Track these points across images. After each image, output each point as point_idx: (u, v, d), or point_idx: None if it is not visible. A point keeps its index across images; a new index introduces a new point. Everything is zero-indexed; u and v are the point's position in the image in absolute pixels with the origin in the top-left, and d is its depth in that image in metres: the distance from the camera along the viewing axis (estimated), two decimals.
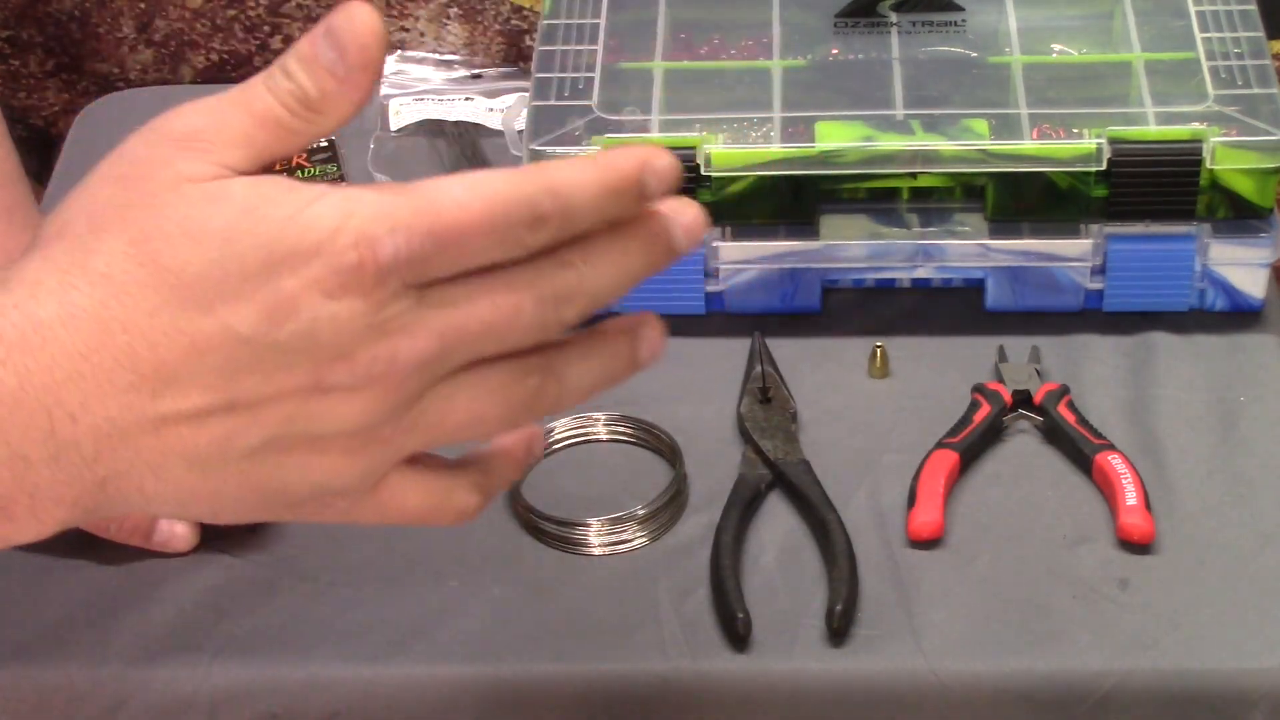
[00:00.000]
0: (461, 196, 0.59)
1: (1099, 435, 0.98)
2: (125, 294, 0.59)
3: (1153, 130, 1.04)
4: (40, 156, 1.39)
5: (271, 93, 0.62)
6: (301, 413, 0.60)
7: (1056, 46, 1.13)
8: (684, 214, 0.61)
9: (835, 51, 1.12)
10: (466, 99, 1.28)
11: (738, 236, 1.06)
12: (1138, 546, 0.94)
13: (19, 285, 0.60)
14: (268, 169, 0.62)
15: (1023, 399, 1.01)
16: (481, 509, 0.66)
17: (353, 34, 0.60)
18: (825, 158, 1.04)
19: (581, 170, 0.60)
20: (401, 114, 1.27)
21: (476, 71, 1.32)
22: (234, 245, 0.58)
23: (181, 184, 0.60)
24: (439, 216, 0.59)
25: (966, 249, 1.06)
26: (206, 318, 0.59)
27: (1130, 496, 0.94)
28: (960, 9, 1.14)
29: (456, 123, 1.25)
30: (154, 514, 0.65)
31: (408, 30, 1.34)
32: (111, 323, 0.59)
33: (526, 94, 1.10)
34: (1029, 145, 1.04)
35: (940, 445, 0.98)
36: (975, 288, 1.08)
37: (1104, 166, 1.03)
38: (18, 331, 0.59)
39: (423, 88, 1.30)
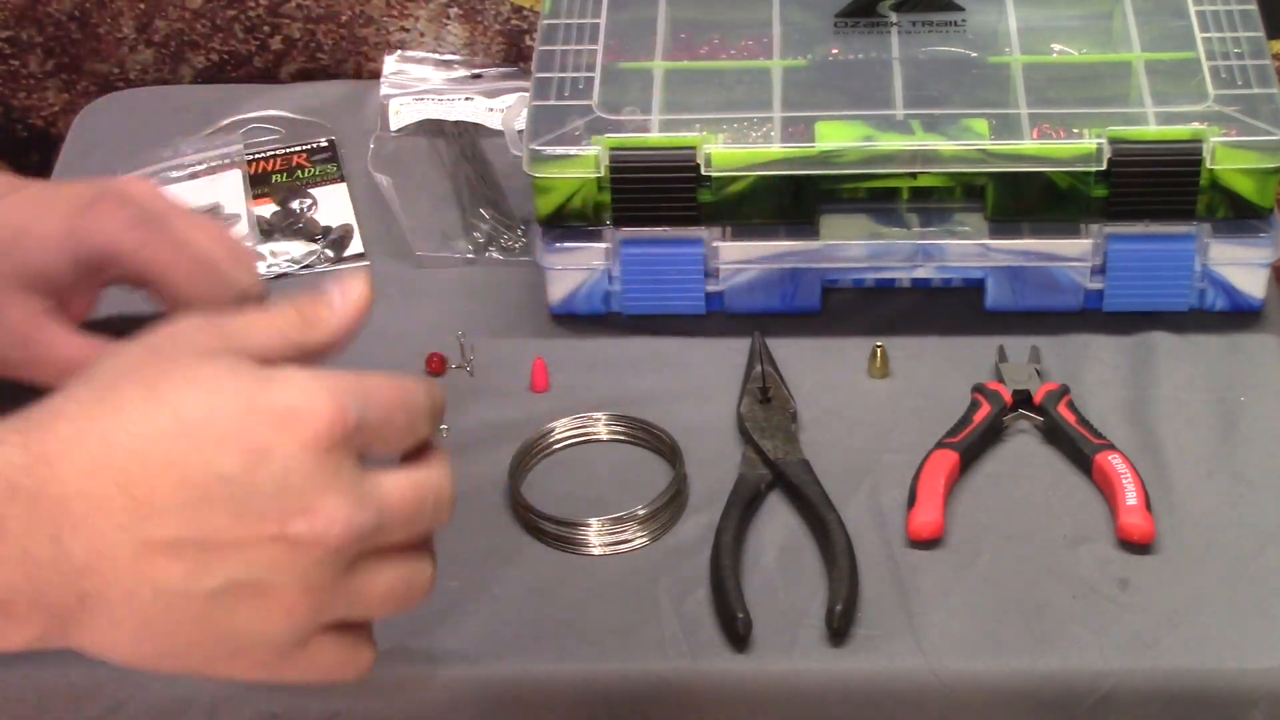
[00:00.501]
0: (384, 380, 0.73)
1: (1099, 435, 0.98)
2: (132, 425, 0.68)
3: (1153, 130, 1.04)
4: (40, 156, 1.39)
5: (283, 312, 0.76)
6: (262, 559, 0.69)
7: (1056, 46, 1.13)
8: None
9: (835, 51, 1.12)
10: (466, 99, 1.28)
11: (738, 236, 1.06)
12: (1138, 546, 0.94)
13: (43, 415, 0.70)
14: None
15: (1023, 399, 1.01)
16: (373, 662, 0.76)
17: (357, 305, 0.76)
18: (825, 158, 1.04)
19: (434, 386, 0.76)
20: (401, 114, 1.27)
21: (476, 71, 1.32)
22: (224, 394, 0.69)
23: (196, 350, 0.72)
24: (380, 389, 0.72)
25: (966, 249, 1.06)
26: (196, 455, 0.68)
27: (1130, 496, 0.94)
28: (960, 9, 1.14)
29: (456, 123, 1.26)
30: (105, 654, 0.72)
31: (408, 30, 1.34)
32: (117, 448, 0.68)
33: (526, 94, 1.10)
34: (1029, 145, 1.04)
35: (940, 445, 0.98)
36: (975, 288, 1.08)
37: (1104, 166, 1.03)
38: (40, 447, 0.68)
39: (423, 88, 1.30)
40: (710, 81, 1.11)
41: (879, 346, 1.05)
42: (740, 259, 1.07)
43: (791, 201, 1.06)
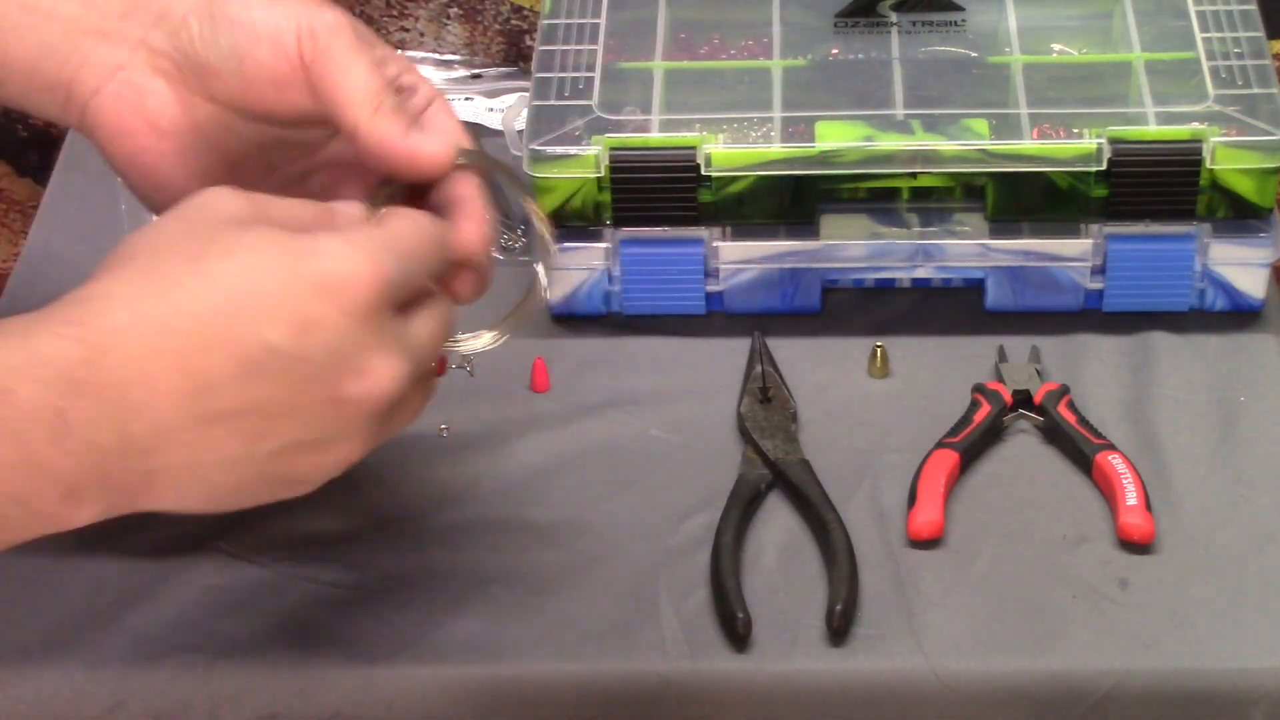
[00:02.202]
0: (408, 225, 0.77)
1: (1099, 435, 0.98)
2: (183, 303, 0.70)
3: (1153, 130, 1.04)
4: (40, 157, 1.39)
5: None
6: (318, 420, 0.73)
7: (1056, 46, 1.13)
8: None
9: (835, 51, 1.12)
10: (466, 99, 1.28)
11: (738, 236, 1.07)
12: (1138, 546, 0.94)
13: (94, 300, 0.71)
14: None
15: (1023, 399, 1.01)
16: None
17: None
18: (825, 158, 1.04)
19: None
20: None
21: (476, 71, 1.32)
22: (266, 266, 0.71)
23: (229, 219, 0.73)
24: (408, 236, 0.75)
25: (966, 249, 1.06)
26: (246, 329, 0.70)
27: (1130, 496, 0.95)
28: (960, 9, 1.14)
29: None
30: (175, 511, 0.76)
31: (408, 30, 1.34)
32: (170, 329, 0.70)
33: (526, 94, 1.10)
34: (1029, 145, 1.04)
35: (940, 445, 0.98)
36: (975, 288, 1.08)
37: (1104, 166, 1.03)
38: (97, 338, 0.70)
39: None
40: (710, 81, 1.11)
41: (879, 346, 1.05)
42: (740, 259, 1.07)
43: (791, 201, 1.06)
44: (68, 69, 0.84)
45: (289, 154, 0.87)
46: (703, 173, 1.04)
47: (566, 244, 1.07)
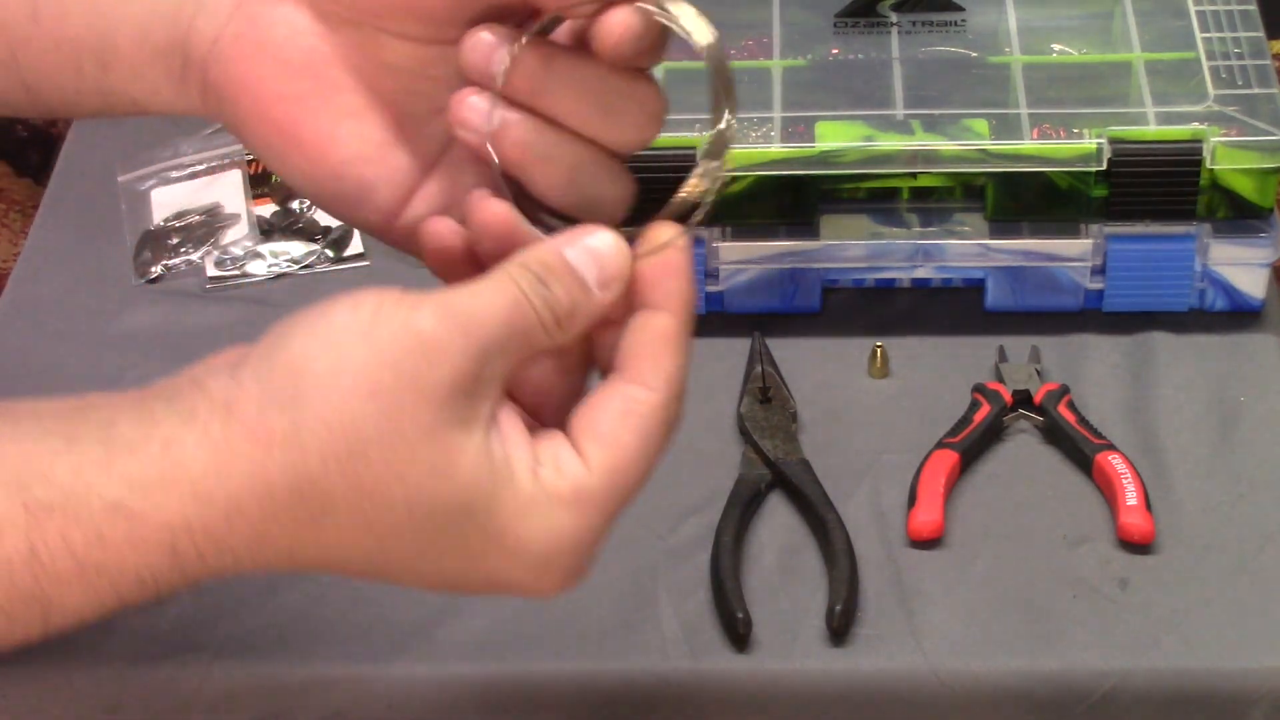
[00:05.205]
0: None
1: (1099, 435, 0.98)
2: (312, 544, 0.63)
3: (1153, 130, 1.04)
4: (40, 157, 1.39)
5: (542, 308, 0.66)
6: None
7: (1056, 46, 1.13)
8: None
9: (835, 51, 1.12)
10: None
11: (738, 236, 1.06)
12: (1138, 546, 0.94)
13: (204, 459, 0.61)
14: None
15: (1023, 399, 1.01)
16: None
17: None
18: (825, 158, 1.04)
19: None
20: None
21: None
22: (443, 542, 0.61)
23: (438, 423, 0.61)
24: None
25: (966, 249, 1.06)
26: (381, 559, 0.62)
27: (1130, 496, 0.95)
28: (960, 9, 1.14)
29: None
30: None
31: None
32: (277, 551, 0.63)
33: None
34: (1029, 145, 1.04)
35: (940, 445, 0.98)
36: (975, 288, 1.08)
37: (1104, 166, 1.03)
38: (231, 499, 0.62)
39: None
40: None
41: (879, 346, 1.05)
42: (740, 259, 1.07)
43: (791, 201, 1.06)
44: (180, 26, 0.67)
45: (419, 92, 0.69)
46: None
47: None
